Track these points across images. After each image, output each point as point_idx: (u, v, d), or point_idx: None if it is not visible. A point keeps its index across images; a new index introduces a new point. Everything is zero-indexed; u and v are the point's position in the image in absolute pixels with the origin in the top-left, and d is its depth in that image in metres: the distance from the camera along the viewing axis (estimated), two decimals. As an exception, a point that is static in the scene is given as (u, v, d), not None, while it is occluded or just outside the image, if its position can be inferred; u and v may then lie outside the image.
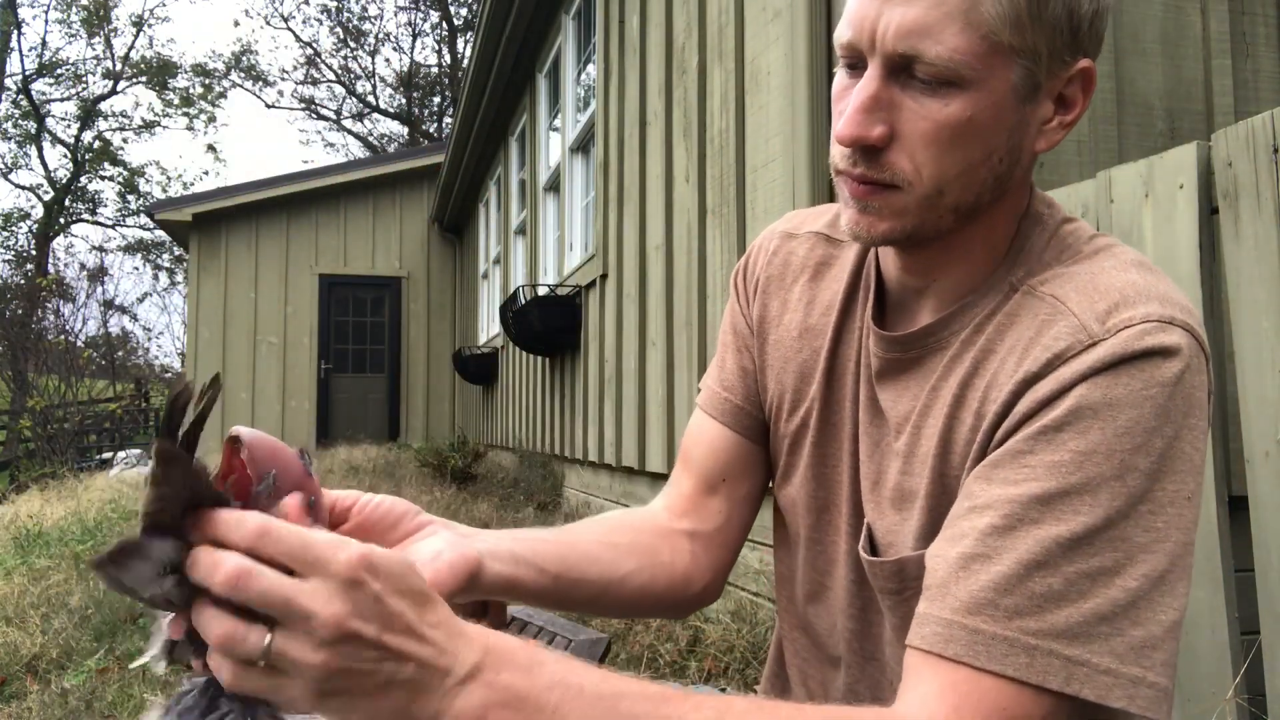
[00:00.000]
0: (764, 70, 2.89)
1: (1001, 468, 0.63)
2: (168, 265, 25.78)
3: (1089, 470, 0.60)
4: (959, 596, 0.61)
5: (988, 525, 0.61)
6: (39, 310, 14.26)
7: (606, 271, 4.77)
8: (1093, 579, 0.59)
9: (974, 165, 0.68)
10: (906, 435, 0.75)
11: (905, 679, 0.62)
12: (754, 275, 0.92)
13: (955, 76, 0.64)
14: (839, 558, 0.83)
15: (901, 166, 0.67)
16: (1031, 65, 0.66)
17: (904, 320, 0.79)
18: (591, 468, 5.15)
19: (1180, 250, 1.55)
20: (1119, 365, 0.62)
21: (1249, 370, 1.45)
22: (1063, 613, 0.58)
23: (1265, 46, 2.68)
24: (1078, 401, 0.62)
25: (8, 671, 2.85)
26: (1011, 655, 0.58)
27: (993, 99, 0.66)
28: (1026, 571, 0.59)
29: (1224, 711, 1.41)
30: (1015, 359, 0.67)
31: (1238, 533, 1.50)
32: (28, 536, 4.85)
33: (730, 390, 0.91)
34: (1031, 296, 0.70)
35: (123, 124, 26.84)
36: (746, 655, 2.60)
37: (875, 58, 0.66)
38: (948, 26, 0.63)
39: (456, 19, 24.56)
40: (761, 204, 2.91)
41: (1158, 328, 0.63)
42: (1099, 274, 0.68)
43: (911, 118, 0.66)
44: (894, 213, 0.69)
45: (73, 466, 9.75)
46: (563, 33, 6.19)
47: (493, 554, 0.72)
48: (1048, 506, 0.60)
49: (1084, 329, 0.64)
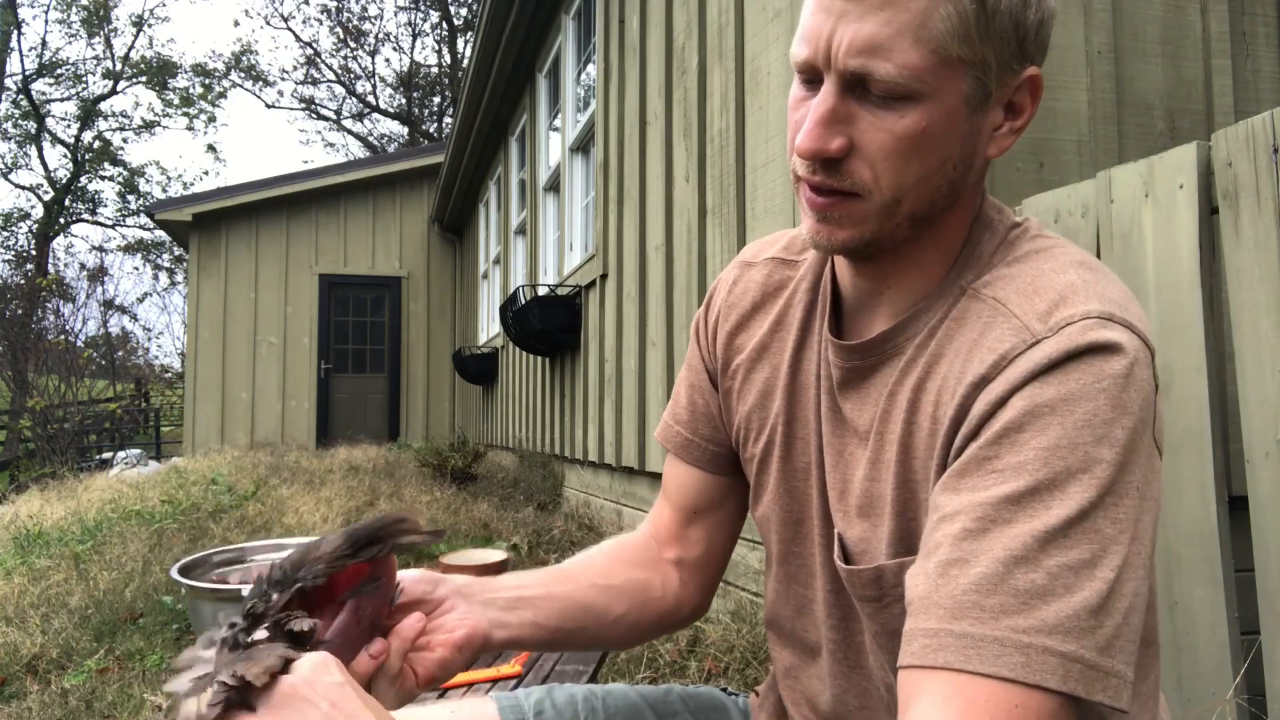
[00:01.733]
0: (764, 70, 2.89)
1: (967, 476, 0.63)
2: (168, 265, 25.79)
3: (1055, 465, 0.60)
4: (941, 604, 0.60)
5: (960, 530, 0.61)
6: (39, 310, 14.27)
7: (606, 271, 4.77)
8: (1075, 572, 0.58)
9: (929, 174, 0.69)
10: (871, 442, 0.75)
11: (903, 701, 0.60)
12: (715, 309, 0.94)
13: (909, 91, 0.66)
14: (816, 569, 0.83)
15: (861, 175, 0.69)
16: (981, 76, 0.68)
17: (861, 329, 0.80)
18: (592, 468, 5.15)
19: (1180, 250, 1.55)
20: (1066, 361, 0.62)
21: (1249, 370, 1.45)
22: (1051, 608, 0.58)
23: (1265, 46, 2.68)
24: (1031, 400, 0.62)
25: (8, 671, 2.85)
26: (1005, 655, 0.57)
27: (944, 110, 0.67)
28: (1006, 569, 0.59)
29: (1224, 711, 1.41)
30: (962, 361, 0.68)
31: (1238, 533, 1.50)
32: (28, 536, 4.85)
33: (681, 424, 0.95)
34: (975, 299, 0.71)
35: (123, 124, 26.88)
36: (746, 655, 2.60)
37: (830, 73, 0.68)
38: (898, 43, 0.65)
39: (456, 19, 24.57)
40: (761, 204, 2.91)
41: (1099, 324, 0.64)
42: (1039, 275, 0.69)
43: (869, 130, 0.68)
44: (854, 221, 0.71)
45: (73, 466, 9.75)
46: (563, 33, 6.19)
47: (499, 623, 0.81)
48: (1019, 505, 0.60)
49: (1026, 329, 0.65)
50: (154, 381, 17.79)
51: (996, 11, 0.66)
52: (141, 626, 3.25)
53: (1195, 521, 1.52)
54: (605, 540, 0.97)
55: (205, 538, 4.69)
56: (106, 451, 12.05)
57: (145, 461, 10.27)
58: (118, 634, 3.18)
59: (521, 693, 0.95)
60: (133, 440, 13.81)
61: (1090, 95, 2.50)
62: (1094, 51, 2.52)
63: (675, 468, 0.95)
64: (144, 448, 12.68)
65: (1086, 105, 2.51)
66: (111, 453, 11.61)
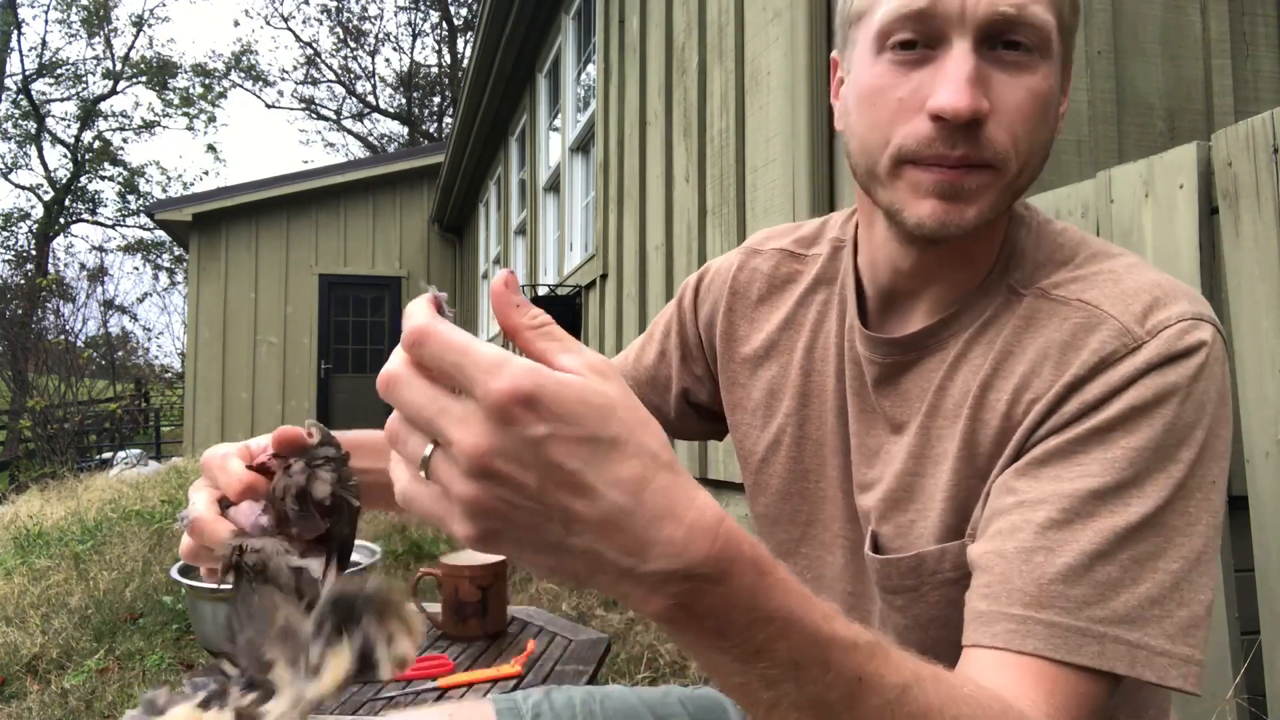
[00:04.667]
0: (764, 70, 2.89)
1: (1050, 465, 0.65)
2: (168, 265, 25.80)
3: (1139, 465, 0.62)
4: (1026, 590, 0.61)
5: (1045, 519, 0.62)
6: (39, 310, 14.27)
7: (606, 271, 4.77)
8: (1141, 564, 0.61)
9: (1045, 143, 0.69)
10: (912, 436, 0.74)
11: (981, 678, 0.60)
12: (713, 292, 0.92)
13: (1047, 44, 0.66)
14: (825, 570, 0.82)
15: (1001, 142, 0.66)
16: (1068, 49, 0.70)
17: (893, 324, 0.79)
18: (591, 468, 5.15)
19: (1180, 250, 1.55)
20: (1164, 365, 0.64)
21: (1249, 370, 1.45)
22: (1121, 599, 0.60)
23: (1265, 46, 2.68)
24: (1130, 403, 0.64)
25: (8, 671, 2.85)
26: (1086, 645, 0.60)
27: (1053, 77, 0.68)
28: (1090, 562, 0.61)
29: (1224, 711, 1.41)
30: (1052, 364, 0.68)
31: (1238, 533, 1.50)
32: (28, 536, 4.85)
33: (639, 384, 0.95)
34: (1048, 300, 0.70)
35: (123, 124, 26.88)
36: (746, 655, 2.60)
37: (965, 29, 0.65)
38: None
39: (456, 19, 24.57)
40: (761, 204, 2.91)
41: (1192, 325, 0.65)
42: (1119, 277, 0.69)
43: (1007, 90, 0.66)
44: (985, 195, 0.67)
45: (73, 466, 9.75)
46: (563, 33, 6.19)
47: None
48: (1102, 500, 0.62)
49: (1127, 332, 0.66)
50: (154, 381, 17.79)
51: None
52: (141, 626, 3.25)
53: (1195, 522, 1.52)
54: None
55: (205, 538, 4.69)
56: (106, 451, 12.04)
57: (145, 461, 10.27)
58: (118, 634, 3.18)
59: (520, 695, 0.95)
60: (133, 440, 13.80)
61: (1090, 95, 2.50)
62: (1094, 52, 2.52)
63: None
64: (144, 448, 12.67)
65: (1086, 105, 2.51)
66: (111, 453, 11.61)
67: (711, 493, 2.81)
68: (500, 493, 0.41)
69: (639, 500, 0.42)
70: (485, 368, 0.40)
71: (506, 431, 0.40)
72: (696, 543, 0.43)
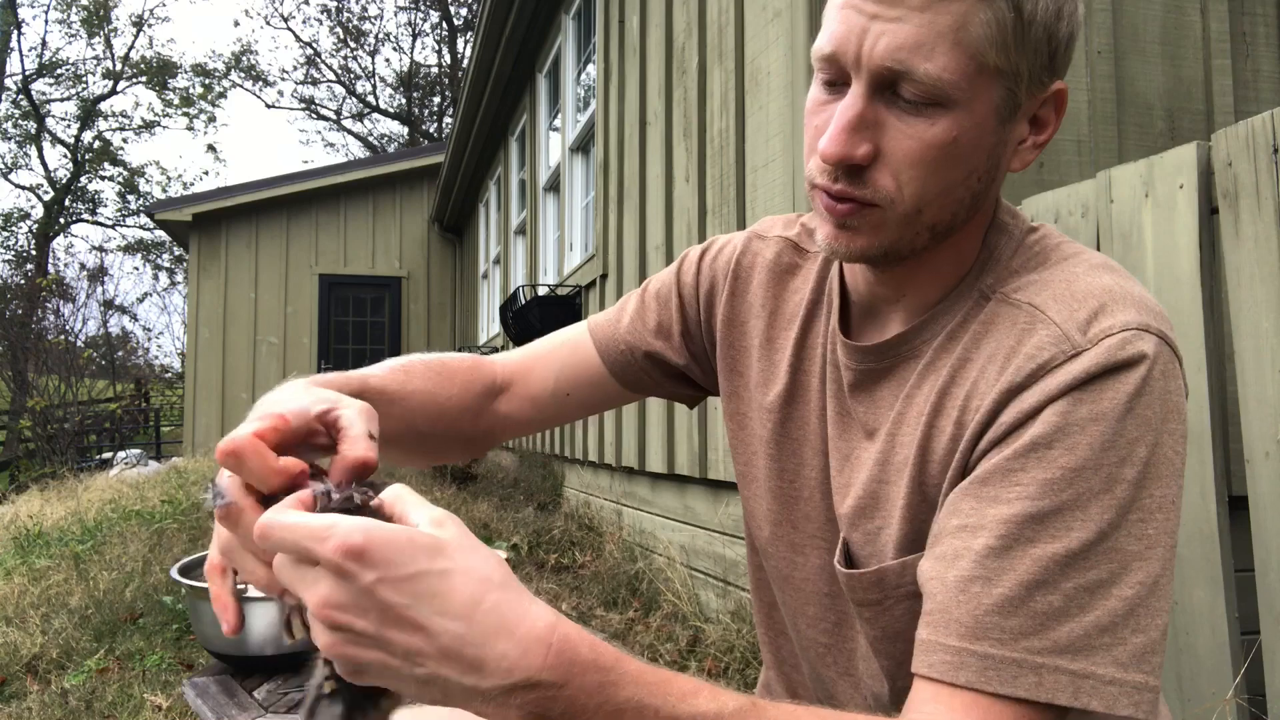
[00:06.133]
0: (764, 70, 2.89)
1: (991, 485, 0.63)
2: (168, 265, 25.81)
3: (1079, 486, 0.61)
4: (963, 621, 0.60)
5: (984, 547, 0.61)
6: (39, 310, 14.26)
7: (606, 271, 4.77)
8: (1091, 592, 0.59)
9: (954, 185, 0.68)
10: (880, 443, 0.75)
11: (912, 705, 0.61)
12: (711, 264, 0.93)
13: (943, 96, 0.64)
14: (810, 574, 0.82)
15: (884, 185, 0.67)
16: (1013, 87, 0.66)
17: (872, 331, 0.79)
18: (591, 468, 5.15)
19: (1180, 250, 1.55)
20: (1103, 375, 0.62)
21: (1249, 370, 1.45)
22: (1064, 628, 0.59)
23: (1265, 46, 2.68)
24: (1064, 417, 0.62)
25: (8, 671, 2.85)
26: (1021, 676, 0.58)
27: (975, 120, 0.66)
28: (1027, 592, 0.60)
29: (1224, 711, 1.41)
30: (996, 368, 0.67)
31: (1238, 533, 1.50)
32: (28, 536, 4.85)
33: (632, 335, 0.94)
34: (1006, 304, 0.70)
35: (123, 124, 26.91)
36: (746, 655, 2.60)
37: (861, 74, 0.65)
38: (938, 45, 0.63)
39: (456, 19, 24.57)
40: (761, 204, 2.91)
41: (1136, 335, 0.63)
42: (1073, 280, 0.68)
43: (897, 137, 0.66)
44: (872, 229, 0.69)
45: (73, 466, 9.74)
46: (563, 33, 6.19)
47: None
48: (1042, 525, 0.61)
49: (1066, 338, 0.64)
50: (154, 381, 17.78)
51: (1033, 22, 0.64)
52: (141, 626, 3.25)
53: (1195, 521, 1.52)
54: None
55: (205, 538, 4.69)
56: (106, 451, 12.04)
57: (145, 461, 10.27)
58: (118, 634, 3.18)
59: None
60: (133, 440, 13.79)
61: (1090, 95, 2.50)
62: (1094, 51, 2.52)
63: (582, 356, 0.95)
64: (144, 448, 12.66)
65: (1086, 105, 2.51)
66: (111, 453, 11.60)
67: (712, 492, 2.84)
68: (348, 638, 0.47)
69: (471, 622, 0.47)
70: (318, 536, 0.47)
71: (343, 585, 0.47)
72: (531, 652, 0.48)
